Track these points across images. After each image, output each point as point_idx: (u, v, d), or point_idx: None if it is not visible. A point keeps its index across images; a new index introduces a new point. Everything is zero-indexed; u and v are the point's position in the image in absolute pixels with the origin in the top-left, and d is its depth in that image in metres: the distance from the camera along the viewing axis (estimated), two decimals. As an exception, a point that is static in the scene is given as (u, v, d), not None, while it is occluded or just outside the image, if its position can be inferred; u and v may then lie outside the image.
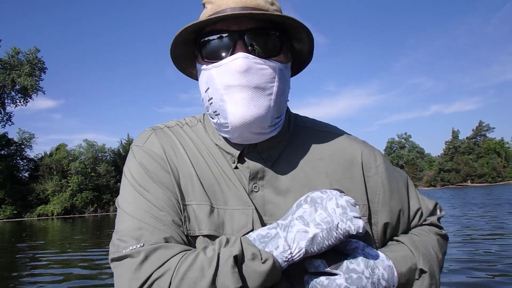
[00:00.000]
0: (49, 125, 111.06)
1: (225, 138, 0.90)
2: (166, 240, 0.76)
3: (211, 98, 0.84)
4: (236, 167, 0.89)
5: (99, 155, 50.47)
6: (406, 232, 0.98)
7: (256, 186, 0.87)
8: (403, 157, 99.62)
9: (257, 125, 0.81)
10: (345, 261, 0.77)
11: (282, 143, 0.92)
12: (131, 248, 0.74)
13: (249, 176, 0.87)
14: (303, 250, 0.73)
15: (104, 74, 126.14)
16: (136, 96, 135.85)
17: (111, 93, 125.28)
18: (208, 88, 0.85)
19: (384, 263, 0.81)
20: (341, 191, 0.81)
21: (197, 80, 0.93)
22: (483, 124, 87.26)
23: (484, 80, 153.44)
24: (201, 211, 0.82)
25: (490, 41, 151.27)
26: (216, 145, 0.91)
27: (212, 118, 0.88)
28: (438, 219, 1.02)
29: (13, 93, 47.18)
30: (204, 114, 0.99)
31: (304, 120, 1.01)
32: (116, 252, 0.76)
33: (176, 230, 0.79)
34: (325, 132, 0.98)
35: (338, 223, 0.74)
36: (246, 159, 0.89)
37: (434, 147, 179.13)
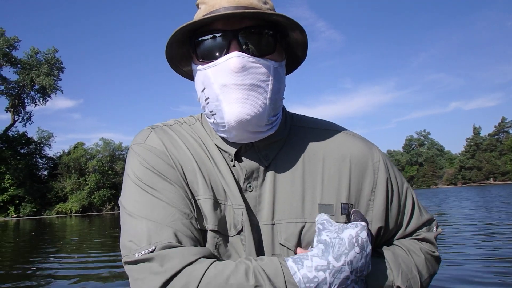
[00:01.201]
0: (68, 125, 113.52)
1: (222, 137, 0.90)
2: (178, 239, 0.75)
3: (208, 98, 0.84)
4: (234, 166, 0.89)
5: (116, 153, 50.87)
6: (394, 236, 0.96)
7: (250, 186, 0.87)
8: (422, 154, 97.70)
9: (253, 124, 0.81)
10: None
11: (279, 142, 0.91)
12: (143, 252, 0.73)
13: (245, 176, 0.87)
14: None
15: (121, 74, 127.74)
16: (152, 96, 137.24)
17: (128, 93, 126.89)
18: (204, 88, 0.85)
19: None
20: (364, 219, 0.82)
21: (192, 80, 0.94)
22: (506, 121, 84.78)
23: (506, 75, 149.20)
24: (206, 205, 0.83)
25: (511, 35, 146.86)
26: (214, 143, 0.91)
27: (209, 118, 0.88)
28: (435, 237, 0.97)
29: (32, 93, 47.98)
30: (202, 114, 0.98)
31: (300, 119, 0.99)
32: (129, 256, 0.75)
33: (187, 225, 0.78)
34: (322, 130, 0.96)
35: (365, 273, 0.77)
36: (243, 158, 0.89)
37: (454, 145, 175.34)
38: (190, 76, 0.97)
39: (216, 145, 0.90)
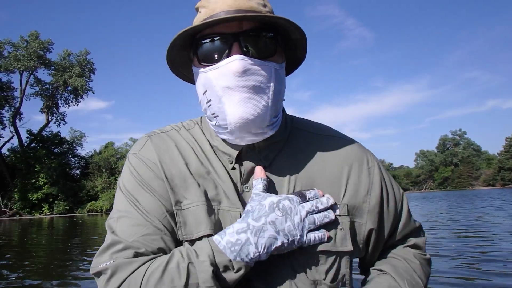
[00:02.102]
0: (101, 125, 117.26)
1: (223, 139, 0.92)
2: (137, 254, 0.80)
3: (210, 100, 0.85)
4: (233, 168, 0.91)
5: (146, 153, 51.19)
6: (387, 241, 0.99)
7: (247, 187, 0.89)
8: (458, 154, 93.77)
9: (256, 125, 0.83)
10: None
11: (279, 143, 0.93)
12: (103, 264, 0.80)
13: (243, 176, 0.89)
14: (269, 253, 0.79)
15: (150, 75, 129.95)
16: (181, 96, 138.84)
17: (157, 94, 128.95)
18: (206, 91, 0.86)
19: None
20: (303, 197, 0.85)
21: (191, 83, 0.97)
22: (550, 118, 79.79)
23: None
24: (200, 212, 0.84)
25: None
26: (214, 146, 0.93)
27: (211, 120, 0.89)
28: (424, 242, 1.02)
29: (65, 94, 49.08)
30: (201, 117, 1.01)
31: (300, 122, 1.02)
32: (94, 267, 0.81)
33: (157, 240, 0.82)
34: (320, 135, 0.99)
35: (300, 237, 0.81)
36: (243, 159, 0.91)
37: (492, 145, 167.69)
38: (190, 79, 0.99)
39: (216, 148, 0.92)
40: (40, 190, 42.91)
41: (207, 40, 0.84)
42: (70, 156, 50.86)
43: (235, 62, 0.79)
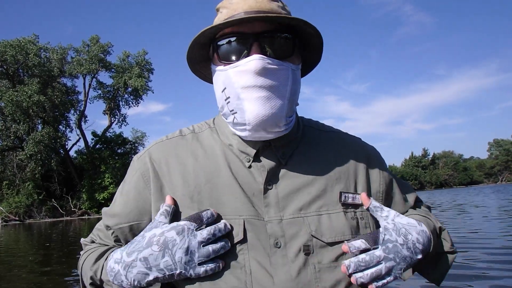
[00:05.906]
0: (161, 127, 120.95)
1: (240, 138, 0.93)
2: (92, 241, 1.01)
3: (228, 97, 0.87)
4: (250, 166, 0.91)
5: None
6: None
7: (270, 184, 0.90)
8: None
9: (272, 123, 0.85)
10: (380, 234, 0.86)
11: (294, 141, 0.96)
12: (84, 240, 1.04)
13: (266, 174, 0.90)
14: (145, 285, 0.83)
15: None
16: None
17: (211, 93, 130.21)
18: (225, 88, 0.87)
19: (417, 229, 0.88)
20: (200, 221, 0.84)
21: (207, 81, 1.03)
22: None
23: None
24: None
25: None
26: (230, 145, 0.94)
27: (227, 118, 0.91)
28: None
29: (126, 96, 49.88)
30: (213, 119, 1.04)
31: (309, 121, 1.07)
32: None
33: (112, 236, 0.96)
34: (329, 132, 1.05)
35: (181, 272, 0.80)
36: (261, 158, 0.92)
37: None
38: (207, 78, 1.02)
39: (233, 148, 0.93)
40: (106, 190, 43.62)
41: (228, 40, 0.86)
42: (133, 155, 51.57)
43: (254, 61, 0.81)
